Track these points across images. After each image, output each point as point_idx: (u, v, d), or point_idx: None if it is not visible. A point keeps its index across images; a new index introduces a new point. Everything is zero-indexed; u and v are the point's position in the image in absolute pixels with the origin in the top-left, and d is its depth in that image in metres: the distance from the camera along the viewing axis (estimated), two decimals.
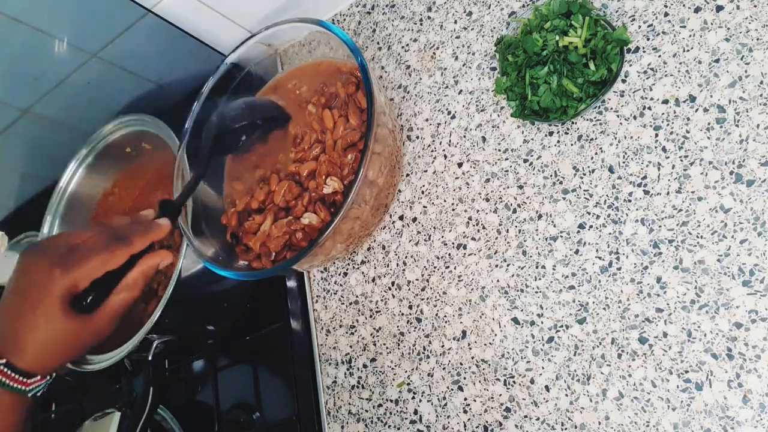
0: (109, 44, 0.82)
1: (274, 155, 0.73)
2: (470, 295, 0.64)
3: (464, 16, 0.73)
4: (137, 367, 0.82)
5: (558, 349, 0.58)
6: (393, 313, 0.69)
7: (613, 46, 0.59)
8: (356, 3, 0.84)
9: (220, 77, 0.74)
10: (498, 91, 0.66)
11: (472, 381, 0.62)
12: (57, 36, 0.78)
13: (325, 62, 0.74)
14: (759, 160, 0.53)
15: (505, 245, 0.64)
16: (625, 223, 0.58)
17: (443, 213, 0.68)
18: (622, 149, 0.59)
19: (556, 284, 0.60)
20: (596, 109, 0.62)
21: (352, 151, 0.67)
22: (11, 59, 0.79)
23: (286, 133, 0.73)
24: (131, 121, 0.87)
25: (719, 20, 0.58)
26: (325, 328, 0.74)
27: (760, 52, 0.55)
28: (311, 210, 0.67)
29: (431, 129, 0.72)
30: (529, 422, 0.58)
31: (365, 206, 0.65)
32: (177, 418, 0.83)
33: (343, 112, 0.69)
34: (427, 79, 0.74)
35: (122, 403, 0.80)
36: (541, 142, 0.64)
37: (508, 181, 0.65)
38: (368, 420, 0.68)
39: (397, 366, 0.67)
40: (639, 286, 0.56)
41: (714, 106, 0.56)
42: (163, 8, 0.78)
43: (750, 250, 0.52)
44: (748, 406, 0.50)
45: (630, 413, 0.54)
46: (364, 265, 0.73)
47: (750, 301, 0.51)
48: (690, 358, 0.52)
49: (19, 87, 0.85)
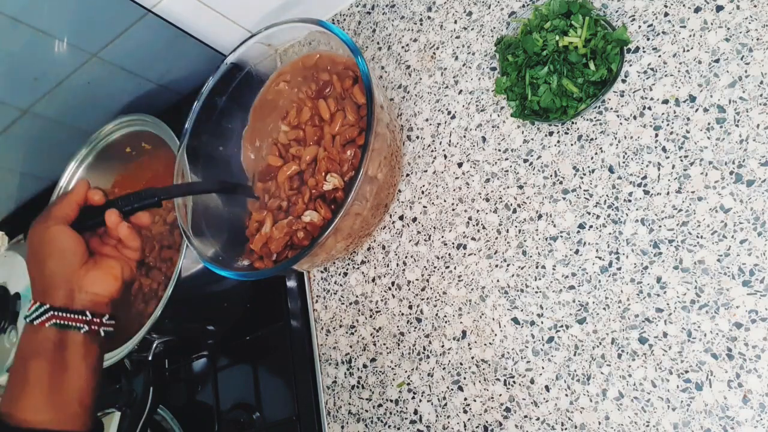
0: (109, 44, 0.82)
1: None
2: (470, 295, 0.64)
3: (464, 16, 0.73)
4: (137, 367, 0.82)
5: (558, 349, 0.58)
6: (393, 313, 0.69)
7: (613, 46, 0.59)
8: (356, 3, 0.84)
9: (220, 77, 0.74)
10: (498, 91, 0.66)
11: (472, 381, 0.62)
12: (57, 36, 0.78)
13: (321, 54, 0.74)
14: (759, 160, 0.53)
15: (505, 245, 0.64)
16: (625, 223, 0.58)
17: (443, 213, 0.68)
18: (622, 149, 0.59)
19: (556, 284, 0.60)
20: (596, 109, 0.62)
21: (351, 147, 0.67)
22: (11, 59, 0.79)
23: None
24: (131, 121, 0.87)
25: (719, 20, 0.58)
26: (325, 328, 0.74)
27: (760, 52, 0.55)
28: (311, 208, 0.67)
29: (431, 129, 0.72)
30: (529, 422, 0.58)
31: (366, 203, 0.65)
32: (177, 418, 0.83)
33: (340, 107, 0.69)
34: (427, 79, 0.74)
35: (122, 403, 0.80)
36: (541, 142, 0.64)
37: (508, 181, 0.65)
38: (368, 420, 0.68)
39: (397, 366, 0.67)
40: (639, 286, 0.56)
41: (714, 106, 0.56)
42: (163, 8, 0.78)
43: (750, 250, 0.52)
44: (748, 406, 0.50)
45: (630, 413, 0.54)
46: (364, 265, 0.73)
47: (750, 301, 0.51)
48: (690, 358, 0.52)
49: (19, 87, 0.85)
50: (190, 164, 0.72)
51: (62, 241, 0.56)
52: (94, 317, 0.56)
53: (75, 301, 0.55)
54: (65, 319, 0.54)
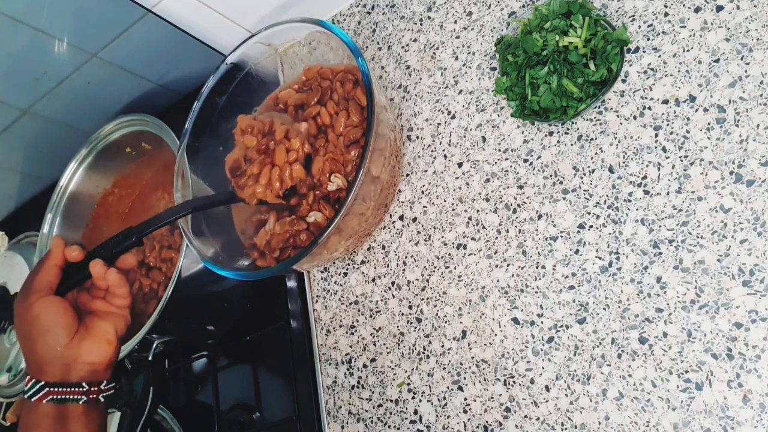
0: (109, 44, 0.82)
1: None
2: (470, 295, 0.64)
3: (464, 16, 0.73)
4: (137, 367, 0.82)
5: (558, 349, 0.58)
6: (393, 313, 0.69)
7: (613, 46, 0.59)
8: (356, 3, 0.84)
9: (220, 77, 0.74)
10: (498, 91, 0.66)
11: (472, 381, 0.62)
12: (57, 36, 0.78)
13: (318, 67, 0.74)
14: (759, 160, 0.53)
15: (505, 245, 0.64)
16: (625, 223, 0.58)
17: (443, 213, 0.68)
18: (622, 149, 0.59)
19: (556, 284, 0.60)
20: (596, 109, 0.62)
21: (355, 148, 0.67)
22: (11, 59, 0.79)
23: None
24: (131, 121, 0.87)
25: (719, 20, 0.58)
26: (325, 328, 0.74)
27: (760, 52, 0.55)
28: (316, 208, 0.67)
29: (431, 129, 0.72)
30: (529, 422, 0.58)
31: (370, 202, 0.65)
32: (177, 418, 0.83)
33: (342, 108, 0.69)
34: (427, 79, 0.74)
35: (122, 403, 0.80)
36: (541, 142, 0.64)
37: (508, 181, 0.65)
38: (368, 420, 0.68)
39: (397, 366, 0.67)
40: (639, 286, 0.56)
41: (714, 106, 0.56)
42: (163, 8, 0.78)
43: (750, 250, 0.52)
44: (748, 406, 0.50)
45: (630, 413, 0.54)
46: (364, 265, 0.73)
47: (750, 301, 0.51)
48: (690, 358, 0.52)
49: (19, 87, 0.85)
50: (190, 164, 0.72)
51: (48, 317, 0.54)
52: (92, 386, 0.55)
53: (71, 374, 0.54)
54: (62, 393, 0.53)
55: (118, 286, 0.58)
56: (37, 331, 0.54)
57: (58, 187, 0.91)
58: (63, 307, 0.55)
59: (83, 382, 0.54)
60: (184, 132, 0.73)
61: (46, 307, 0.54)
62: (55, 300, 0.55)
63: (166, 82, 0.93)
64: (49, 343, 0.54)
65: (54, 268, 0.56)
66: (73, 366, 0.54)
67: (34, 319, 0.54)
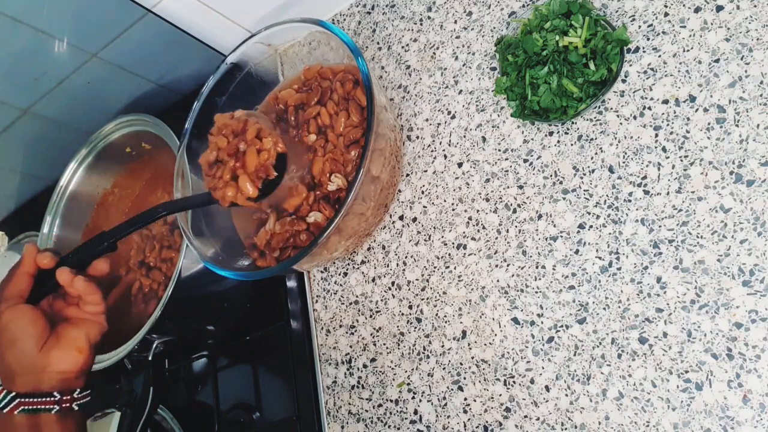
0: (109, 44, 0.82)
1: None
2: (470, 295, 0.64)
3: (464, 16, 0.73)
4: (137, 367, 0.82)
5: (558, 349, 0.58)
6: (393, 313, 0.69)
7: (613, 46, 0.59)
8: (356, 3, 0.84)
9: (220, 77, 0.74)
10: (498, 91, 0.66)
11: (472, 381, 0.62)
12: (57, 36, 0.78)
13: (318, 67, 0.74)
14: (759, 160, 0.53)
15: (505, 245, 0.64)
16: (625, 223, 0.58)
17: (443, 213, 0.68)
18: (622, 149, 0.59)
19: (556, 284, 0.60)
20: (596, 109, 0.62)
21: (355, 148, 0.67)
22: (11, 59, 0.79)
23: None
24: (131, 121, 0.87)
25: (719, 20, 0.58)
26: (325, 328, 0.74)
27: (760, 52, 0.55)
28: (316, 209, 0.67)
29: (431, 129, 0.72)
30: (529, 422, 0.58)
31: (370, 202, 0.65)
32: (177, 418, 0.83)
33: (342, 108, 0.69)
34: (427, 79, 0.74)
35: (122, 403, 0.80)
36: (541, 142, 0.64)
37: (508, 181, 0.65)
38: (368, 420, 0.68)
39: (397, 366, 0.67)
40: (639, 286, 0.56)
41: (714, 106, 0.56)
42: (163, 8, 0.78)
43: (750, 250, 0.52)
44: (748, 406, 0.50)
45: (630, 413, 0.54)
46: (364, 265, 0.73)
47: (750, 301, 0.51)
48: (690, 358, 0.52)
49: (19, 87, 0.85)
50: (190, 164, 0.72)
51: (17, 326, 0.53)
52: (64, 395, 0.53)
53: (42, 384, 0.53)
54: (33, 404, 0.52)
55: (87, 293, 0.56)
56: (6, 341, 0.53)
57: (58, 187, 0.91)
58: (33, 315, 0.54)
59: (54, 392, 0.53)
60: (184, 132, 0.73)
61: (16, 316, 0.53)
62: (25, 309, 0.54)
63: (166, 82, 0.93)
64: (18, 352, 0.53)
65: (25, 275, 0.55)
66: (43, 375, 0.53)
67: (2, 328, 0.53)
